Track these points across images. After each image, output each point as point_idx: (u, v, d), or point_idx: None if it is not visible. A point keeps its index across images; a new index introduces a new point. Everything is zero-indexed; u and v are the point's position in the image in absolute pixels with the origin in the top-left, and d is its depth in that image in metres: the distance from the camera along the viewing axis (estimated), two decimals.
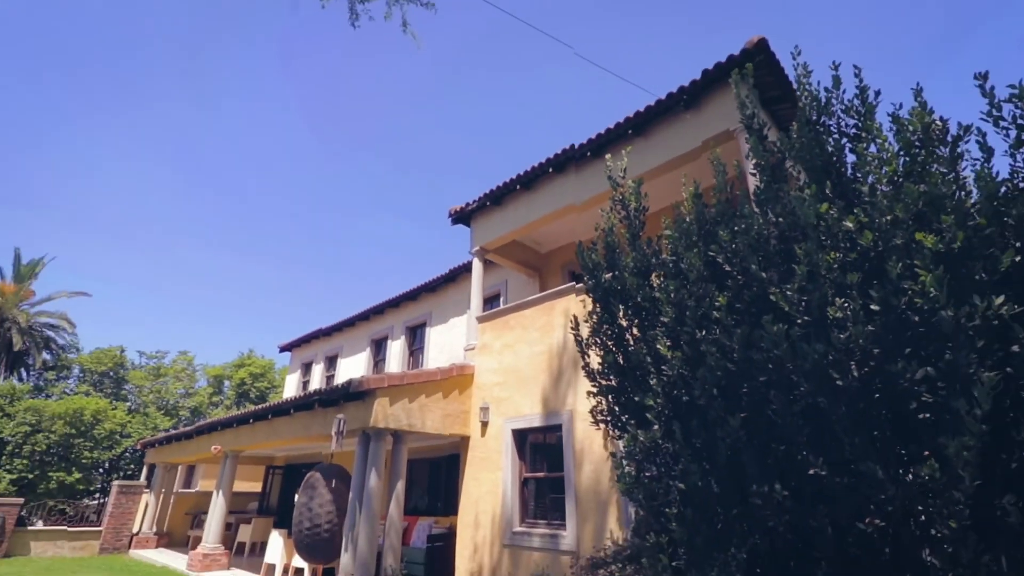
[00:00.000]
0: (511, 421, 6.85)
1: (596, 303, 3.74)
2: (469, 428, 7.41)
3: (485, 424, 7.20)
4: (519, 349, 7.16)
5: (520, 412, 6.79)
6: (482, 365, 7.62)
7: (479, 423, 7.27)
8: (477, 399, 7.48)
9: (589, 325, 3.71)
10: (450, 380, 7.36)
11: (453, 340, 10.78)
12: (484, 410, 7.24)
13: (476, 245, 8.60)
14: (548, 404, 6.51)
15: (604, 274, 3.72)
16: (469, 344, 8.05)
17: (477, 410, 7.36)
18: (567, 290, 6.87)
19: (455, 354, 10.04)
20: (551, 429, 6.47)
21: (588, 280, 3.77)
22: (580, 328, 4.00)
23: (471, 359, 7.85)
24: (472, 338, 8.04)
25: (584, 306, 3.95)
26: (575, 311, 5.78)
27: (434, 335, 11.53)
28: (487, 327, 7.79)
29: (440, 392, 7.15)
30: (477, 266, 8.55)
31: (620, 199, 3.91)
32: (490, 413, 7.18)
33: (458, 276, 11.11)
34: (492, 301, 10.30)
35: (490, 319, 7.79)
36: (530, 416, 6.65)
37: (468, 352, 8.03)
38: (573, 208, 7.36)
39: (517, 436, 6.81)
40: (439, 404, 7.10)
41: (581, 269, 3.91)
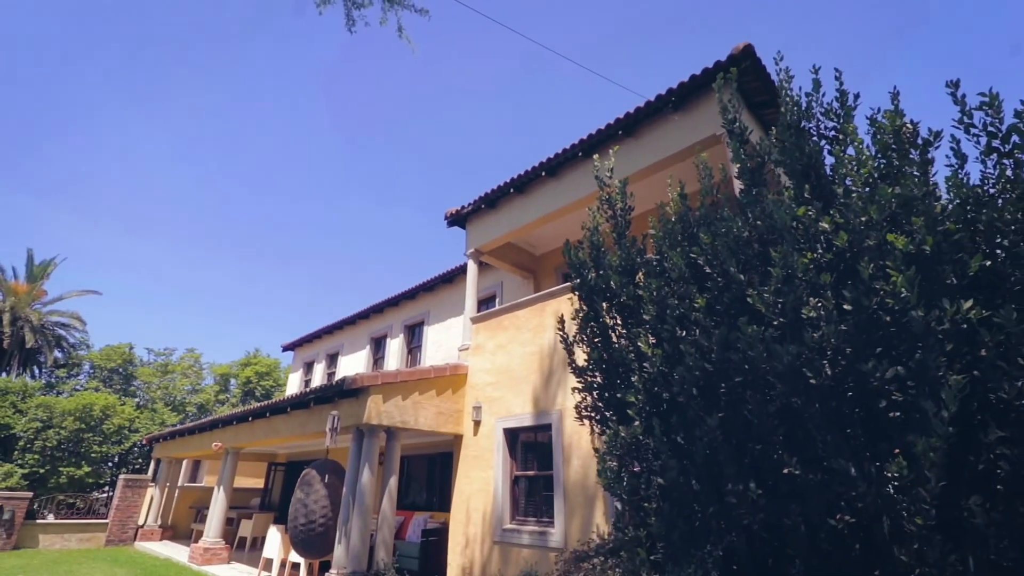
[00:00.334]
0: (503, 420, 6.98)
1: (581, 301, 3.84)
2: (462, 427, 7.54)
3: (478, 423, 7.33)
4: (512, 349, 7.28)
5: (511, 412, 6.91)
6: (475, 365, 7.75)
7: (472, 422, 7.40)
8: (470, 398, 7.61)
9: (576, 323, 3.80)
10: (444, 379, 7.50)
11: (450, 339, 10.93)
12: (477, 409, 7.37)
13: (471, 247, 8.73)
14: (539, 403, 6.62)
15: (589, 273, 3.82)
16: (463, 344, 8.19)
17: (470, 409, 7.49)
18: (559, 291, 6.98)
19: (452, 353, 10.18)
20: (541, 428, 6.58)
21: (574, 278, 3.87)
22: (567, 326, 4.10)
23: (465, 359, 7.98)
24: (466, 338, 8.17)
25: (571, 305, 4.04)
26: (566, 312, 5.88)
27: (432, 334, 11.68)
28: (481, 327, 7.92)
29: (433, 390, 7.29)
30: (472, 268, 8.68)
31: (607, 199, 3.99)
32: (483, 412, 7.31)
33: (455, 277, 11.25)
34: (488, 302, 10.43)
35: (484, 320, 7.92)
36: (521, 416, 6.76)
37: (462, 352, 8.16)
38: (565, 210, 7.47)
39: (508, 435, 6.93)
40: (432, 402, 7.24)
41: (568, 267, 4.01)
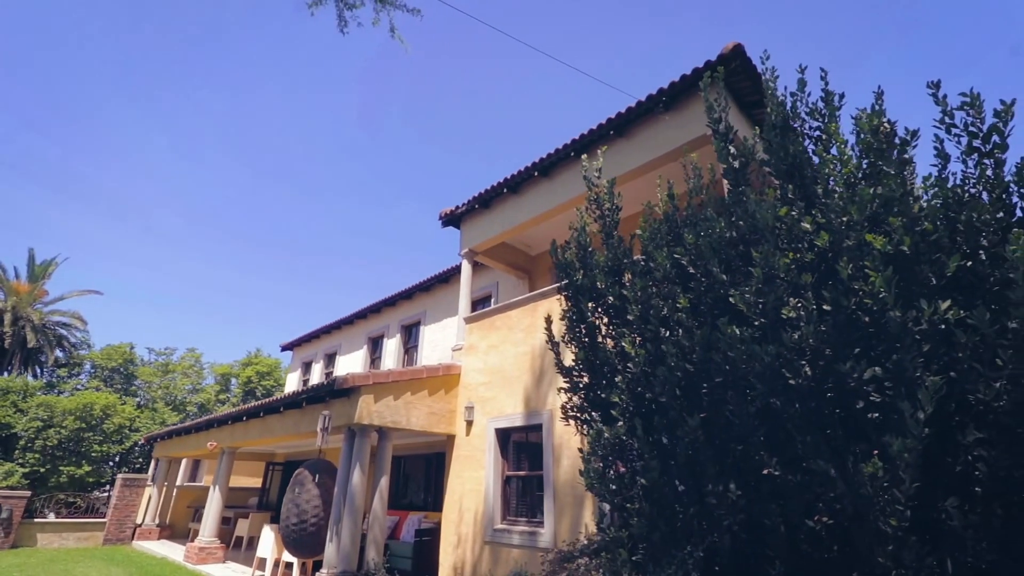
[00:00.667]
0: (495, 420, 6.97)
1: (568, 301, 3.83)
2: (455, 427, 7.54)
3: (470, 423, 7.32)
4: (504, 350, 7.27)
5: (503, 412, 6.91)
6: (468, 365, 7.75)
7: (464, 422, 7.39)
8: (463, 398, 7.61)
9: (565, 323, 3.80)
10: (436, 379, 7.50)
11: (446, 339, 10.93)
12: (469, 409, 7.37)
13: (465, 247, 8.73)
14: (530, 404, 6.62)
15: (576, 273, 3.82)
16: (456, 344, 8.19)
17: (463, 409, 7.49)
18: (551, 291, 6.97)
19: (448, 353, 10.18)
20: (532, 428, 6.57)
21: (561, 279, 3.87)
22: (555, 326, 4.09)
23: (458, 359, 7.98)
24: (460, 338, 8.17)
25: (561, 305, 4.04)
26: (556, 312, 5.87)
27: (428, 334, 11.69)
28: (474, 328, 7.92)
29: (426, 390, 7.29)
30: (466, 268, 8.68)
31: (595, 198, 3.99)
32: (475, 412, 7.31)
33: (451, 277, 11.25)
34: (484, 302, 10.43)
35: (477, 320, 7.91)
36: (513, 416, 6.76)
37: (456, 352, 8.16)
38: (558, 210, 7.46)
39: (500, 435, 6.93)
40: (424, 402, 7.24)
41: (555, 267, 4.00)
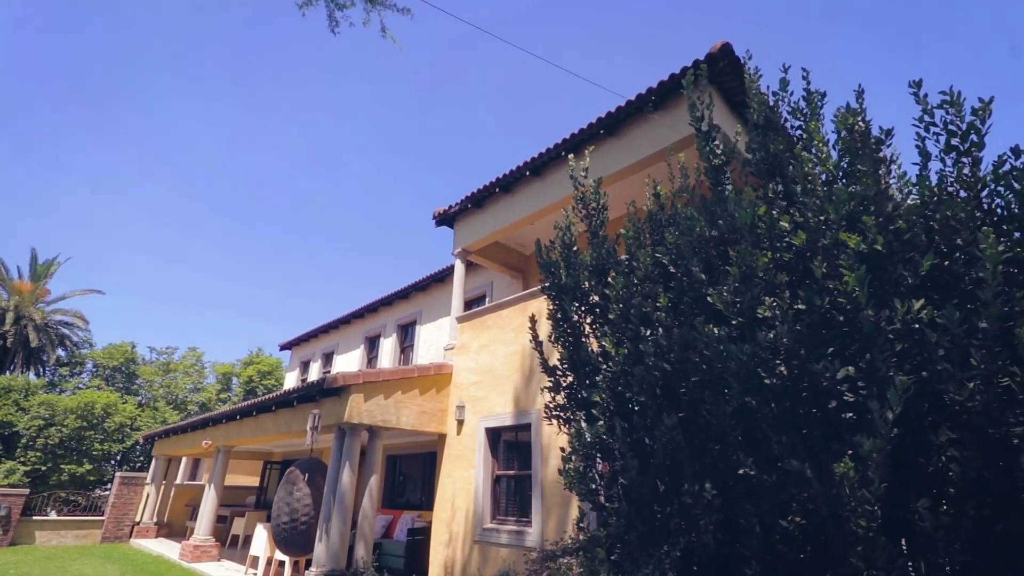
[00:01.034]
0: (485, 420, 6.96)
1: (552, 300, 3.83)
2: (446, 426, 7.54)
3: (461, 422, 7.32)
4: (495, 349, 7.26)
5: (494, 411, 6.90)
6: (460, 364, 7.74)
7: (455, 421, 7.39)
8: (454, 398, 7.60)
9: (551, 322, 3.80)
10: (428, 378, 7.50)
11: (441, 339, 10.93)
12: (460, 408, 7.36)
13: (459, 247, 8.72)
14: (519, 403, 6.60)
15: (560, 272, 3.81)
16: (449, 344, 8.19)
17: (454, 408, 7.49)
18: (540, 291, 6.94)
19: (442, 352, 10.18)
20: (522, 428, 6.56)
21: (545, 278, 3.87)
22: (540, 325, 4.10)
23: (450, 358, 7.98)
24: (453, 338, 8.17)
25: (548, 304, 4.04)
26: (545, 312, 5.85)
27: (424, 333, 11.70)
28: (466, 327, 7.91)
29: (416, 389, 7.29)
30: (459, 267, 8.67)
31: (581, 198, 3.99)
32: (466, 412, 7.30)
33: (447, 277, 11.24)
34: (479, 302, 10.42)
35: (469, 319, 7.91)
36: (503, 415, 6.75)
37: (448, 352, 8.16)
38: (550, 209, 7.44)
39: (490, 435, 6.92)
40: (415, 401, 7.24)
41: (539, 267, 4.00)
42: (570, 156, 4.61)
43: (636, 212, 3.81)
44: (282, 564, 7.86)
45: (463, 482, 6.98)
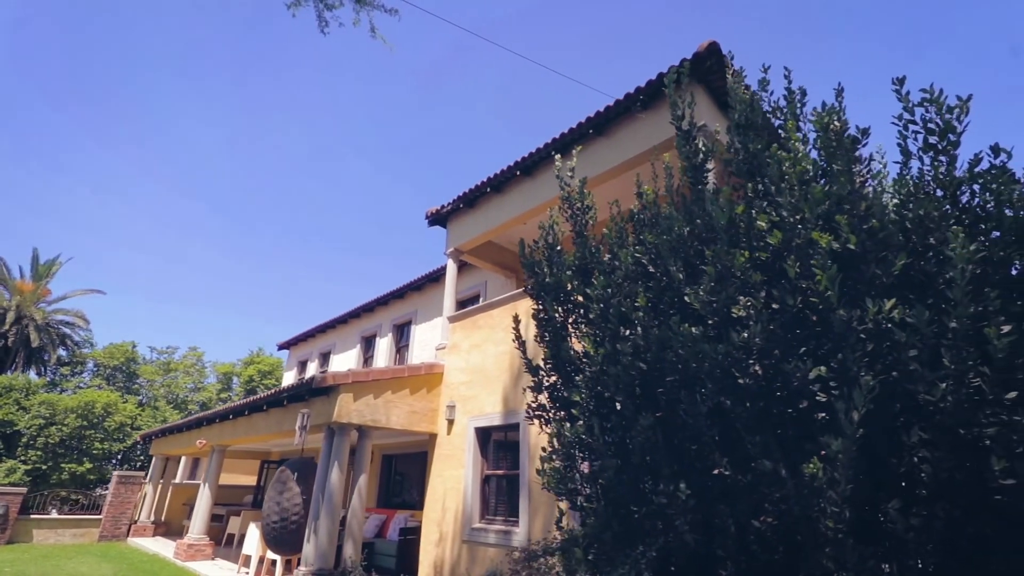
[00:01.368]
0: (475, 420, 6.95)
1: (535, 300, 3.82)
2: (436, 426, 7.53)
3: (451, 422, 7.31)
4: (486, 349, 7.25)
5: (484, 411, 6.88)
6: (451, 364, 7.73)
7: (446, 421, 7.38)
8: (445, 397, 7.59)
9: (536, 322, 3.79)
10: (418, 378, 7.49)
11: (436, 338, 10.92)
12: (451, 408, 7.35)
13: (451, 246, 8.71)
14: (508, 403, 6.59)
15: (543, 272, 3.80)
16: (440, 344, 8.18)
17: (444, 408, 7.48)
18: (524, 291, 6.93)
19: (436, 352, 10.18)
20: (510, 428, 6.55)
21: (528, 278, 3.85)
22: (524, 325, 4.09)
23: (442, 358, 7.97)
24: (444, 338, 8.16)
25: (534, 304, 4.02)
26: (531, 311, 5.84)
27: (419, 333, 11.70)
28: (457, 327, 7.90)
29: (407, 389, 7.29)
30: (451, 267, 8.67)
31: (567, 198, 3.98)
32: (456, 411, 7.29)
33: (441, 276, 11.23)
34: (472, 302, 10.40)
35: (460, 319, 7.90)
36: (492, 415, 6.73)
37: (439, 351, 8.15)
38: (541, 208, 7.42)
39: (480, 434, 6.91)
40: (406, 401, 7.23)
41: (522, 267, 3.99)
42: (557, 156, 4.59)
43: (619, 212, 3.80)
44: (274, 563, 7.87)
45: (453, 481, 6.97)
